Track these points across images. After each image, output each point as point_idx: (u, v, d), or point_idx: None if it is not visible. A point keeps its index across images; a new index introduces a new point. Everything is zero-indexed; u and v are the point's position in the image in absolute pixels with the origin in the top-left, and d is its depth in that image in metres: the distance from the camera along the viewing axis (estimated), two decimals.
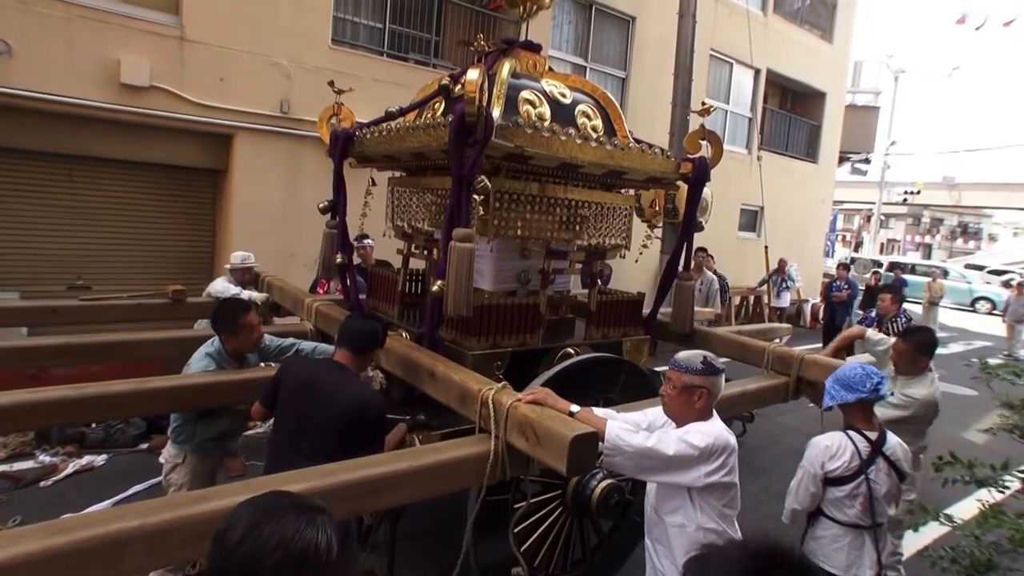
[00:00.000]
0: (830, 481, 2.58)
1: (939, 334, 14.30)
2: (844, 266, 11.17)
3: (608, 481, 2.87)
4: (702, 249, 8.88)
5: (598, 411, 2.39)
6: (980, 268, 25.81)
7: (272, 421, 2.78)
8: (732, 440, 2.21)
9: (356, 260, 5.90)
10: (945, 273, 21.09)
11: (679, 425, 2.24)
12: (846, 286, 10.46)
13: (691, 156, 3.71)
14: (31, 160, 5.88)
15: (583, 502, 2.89)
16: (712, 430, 2.17)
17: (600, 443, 2.14)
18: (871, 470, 2.53)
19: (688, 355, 2.28)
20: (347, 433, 2.43)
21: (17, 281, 5.85)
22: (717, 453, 2.14)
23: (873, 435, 2.59)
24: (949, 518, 2.48)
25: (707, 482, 2.13)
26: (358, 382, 2.64)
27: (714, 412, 2.27)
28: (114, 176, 6.29)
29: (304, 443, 2.48)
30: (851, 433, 2.60)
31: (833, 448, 2.57)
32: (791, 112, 14.39)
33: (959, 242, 40.81)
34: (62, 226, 6.11)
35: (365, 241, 5.91)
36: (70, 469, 4.59)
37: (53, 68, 5.56)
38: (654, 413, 2.42)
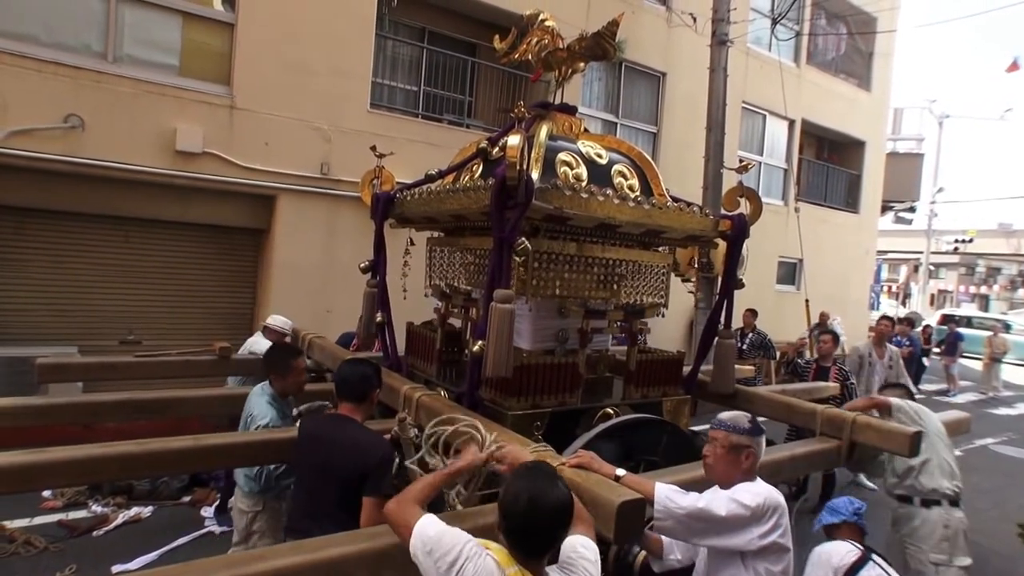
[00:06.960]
0: None
1: (1004, 393, 13.71)
2: (909, 321, 10.66)
3: None
4: (751, 310, 8.62)
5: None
6: None
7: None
8: (782, 500, 2.17)
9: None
10: (1007, 327, 19.55)
11: (724, 488, 2.20)
12: (907, 342, 9.83)
13: (729, 213, 3.71)
14: (92, 223, 6.23)
15: (624, 570, 2.77)
16: (761, 489, 2.16)
17: (649, 507, 2.09)
18: (870, 563, 2.54)
19: (732, 415, 2.31)
20: (355, 482, 2.44)
21: (75, 336, 6.12)
22: (769, 513, 2.10)
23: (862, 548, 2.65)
24: None
25: (761, 544, 2.09)
26: (361, 430, 2.63)
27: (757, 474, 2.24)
28: (165, 237, 6.61)
29: (323, 497, 2.53)
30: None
31: (834, 548, 2.64)
32: (828, 162, 14.22)
33: (1021, 292, 37.95)
34: (117, 284, 6.41)
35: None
36: (119, 519, 4.71)
37: (118, 138, 5.95)
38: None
